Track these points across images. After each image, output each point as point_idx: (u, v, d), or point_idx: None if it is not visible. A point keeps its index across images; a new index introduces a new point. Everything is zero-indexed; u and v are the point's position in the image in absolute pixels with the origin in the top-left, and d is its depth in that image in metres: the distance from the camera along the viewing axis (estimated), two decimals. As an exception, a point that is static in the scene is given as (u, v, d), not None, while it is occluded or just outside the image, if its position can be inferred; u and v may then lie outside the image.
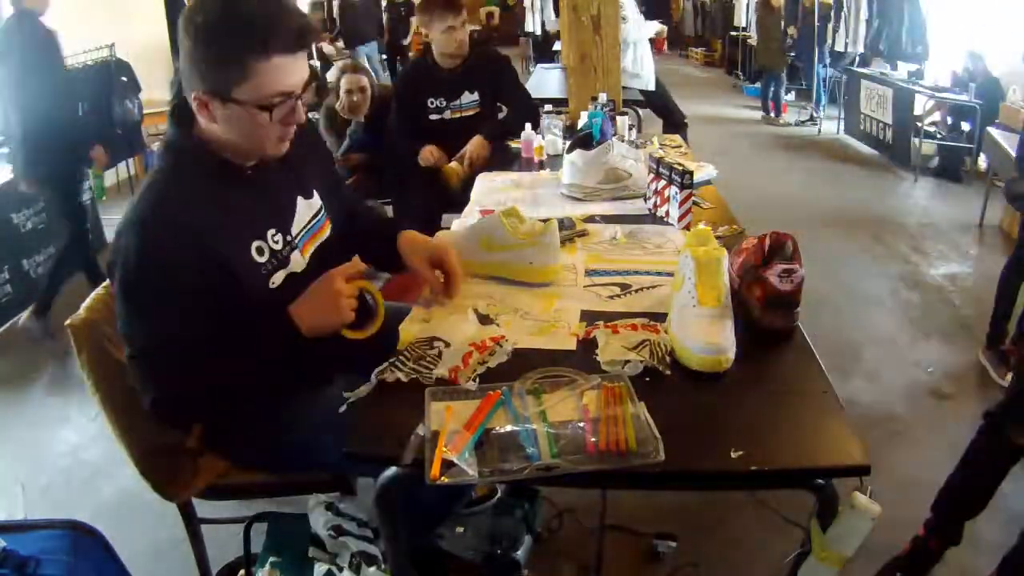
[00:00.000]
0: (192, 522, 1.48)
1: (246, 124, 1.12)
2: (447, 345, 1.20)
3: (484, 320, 1.30)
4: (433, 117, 2.84)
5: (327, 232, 1.36)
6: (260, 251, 1.21)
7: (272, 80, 1.09)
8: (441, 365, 1.14)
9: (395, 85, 3.52)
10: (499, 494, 1.86)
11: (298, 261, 1.27)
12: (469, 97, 2.84)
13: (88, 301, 1.35)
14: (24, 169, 3.04)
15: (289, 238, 1.26)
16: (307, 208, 1.32)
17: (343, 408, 1.08)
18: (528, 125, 2.59)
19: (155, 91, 5.11)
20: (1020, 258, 2.72)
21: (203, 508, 1.52)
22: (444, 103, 2.83)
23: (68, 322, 1.29)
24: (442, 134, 2.82)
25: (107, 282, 1.41)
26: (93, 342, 1.30)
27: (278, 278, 1.23)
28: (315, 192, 1.35)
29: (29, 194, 3.42)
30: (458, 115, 2.85)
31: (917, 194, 5.22)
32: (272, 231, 1.23)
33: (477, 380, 1.11)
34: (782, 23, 7.66)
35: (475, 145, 2.70)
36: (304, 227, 1.31)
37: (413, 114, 2.86)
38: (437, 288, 1.37)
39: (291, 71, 1.11)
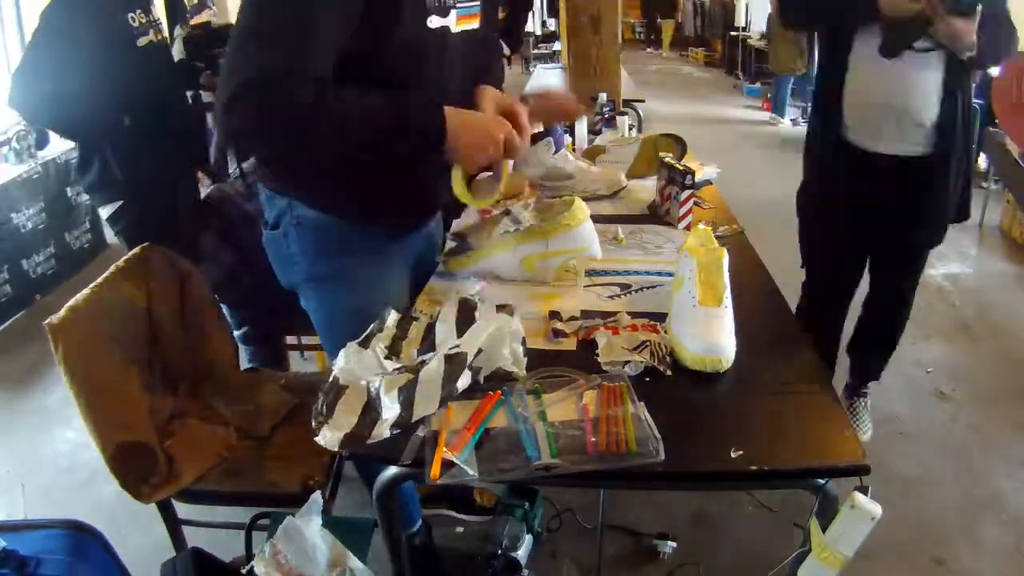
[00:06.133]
0: (175, 525, 1.52)
1: None
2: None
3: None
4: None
5: (476, 23, 1.29)
6: None
7: None
8: None
9: None
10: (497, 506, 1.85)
11: (452, 22, 1.21)
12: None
13: (72, 302, 1.38)
14: None
15: None
16: None
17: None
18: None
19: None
20: None
21: (202, 511, 1.53)
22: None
23: (47, 322, 1.31)
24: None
25: (96, 283, 1.44)
26: (70, 340, 1.32)
27: (434, 21, 1.17)
28: None
29: (29, 194, 3.42)
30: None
31: (917, 194, 5.21)
32: None
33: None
34: None
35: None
36: None
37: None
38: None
39: None
